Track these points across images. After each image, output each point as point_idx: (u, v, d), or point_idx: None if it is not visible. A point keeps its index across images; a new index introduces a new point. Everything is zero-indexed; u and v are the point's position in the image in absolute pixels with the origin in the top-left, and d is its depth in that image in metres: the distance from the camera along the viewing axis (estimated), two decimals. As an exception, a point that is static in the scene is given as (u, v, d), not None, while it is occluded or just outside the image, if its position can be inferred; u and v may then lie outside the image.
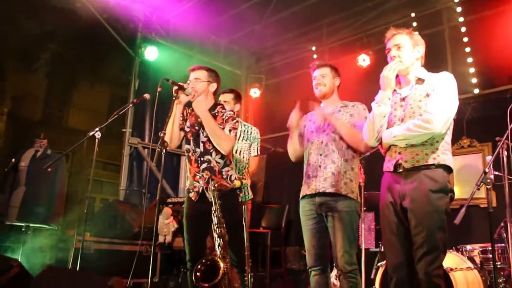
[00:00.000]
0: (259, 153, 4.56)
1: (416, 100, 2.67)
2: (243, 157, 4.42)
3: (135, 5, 7.23)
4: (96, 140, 3.90)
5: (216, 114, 3.36)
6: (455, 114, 2.62)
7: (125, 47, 7.34)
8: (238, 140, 4.40)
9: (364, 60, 6.77)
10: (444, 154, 2.60)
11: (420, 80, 2.73)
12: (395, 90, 2.79)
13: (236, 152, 4.36)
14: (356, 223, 3.15)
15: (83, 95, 14.08)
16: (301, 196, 3.30)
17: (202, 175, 3.28)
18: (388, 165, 2.75)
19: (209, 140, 3.27)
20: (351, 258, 3.05)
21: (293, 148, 3.42)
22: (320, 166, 3.19)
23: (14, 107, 10.86)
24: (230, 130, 3.29)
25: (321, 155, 3.21)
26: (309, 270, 3.21)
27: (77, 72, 12.11)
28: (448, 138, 2.66)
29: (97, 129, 3.89)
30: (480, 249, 4.06)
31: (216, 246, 3.02)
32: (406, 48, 2.75)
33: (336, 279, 4.12)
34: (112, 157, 11.93)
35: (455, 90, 2.63)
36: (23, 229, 5.28)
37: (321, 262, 3.16)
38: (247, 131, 4.53)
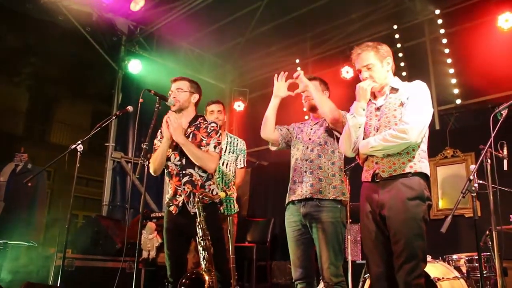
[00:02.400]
0: (245, 164, 4.50)
1: (391, 109, 2.67)
2: (230, 170, 4.34)
3: (119, 18, 7.20)
4: (78, 153, 3.80)
5: (199, 125, 3.30)
6: (429, 122, 2.60)
7: (108, 61, 7.30)
8: (225, 152, 4.35)
9: (347, 72, 6.80)
10: (420, 162, 2.58)
11: (394, 90, 2.72)
12: (370, 100, 2.79)
13: (222, 165, 4.30)
14: (342, 234, 3.09)
15: (65, 110, 13.93)
16: (286, 202, 3.24)
17: (184, 188, 3.17)
18: (366, 175, 2.73)
19: None
20: (337, 270, 2.99)
21: (267, 125, 3.28)
22: (306, 172, 3.14)
23: (-5, 121, 10.74)
24: (215, 146, 3.22)
25: (306, 160, 3.18)
26: (295, 283, 3.13)
27: (59, 86, 11.99)
28: (424, 146, 2.65)
29: (78, 142, 3.80)
30: (466, 258, 4.04)
31: (201, 259, 2.95)
32: (376, 66, 2.73)
33: (323, 291, 4.06)
34: (96, 173, 11.78)
35: (428, 99, 2.62)
36: (1, 246, 5.12)
37: (306, 275, 3.09)
38: (234, 143, 4.46)
